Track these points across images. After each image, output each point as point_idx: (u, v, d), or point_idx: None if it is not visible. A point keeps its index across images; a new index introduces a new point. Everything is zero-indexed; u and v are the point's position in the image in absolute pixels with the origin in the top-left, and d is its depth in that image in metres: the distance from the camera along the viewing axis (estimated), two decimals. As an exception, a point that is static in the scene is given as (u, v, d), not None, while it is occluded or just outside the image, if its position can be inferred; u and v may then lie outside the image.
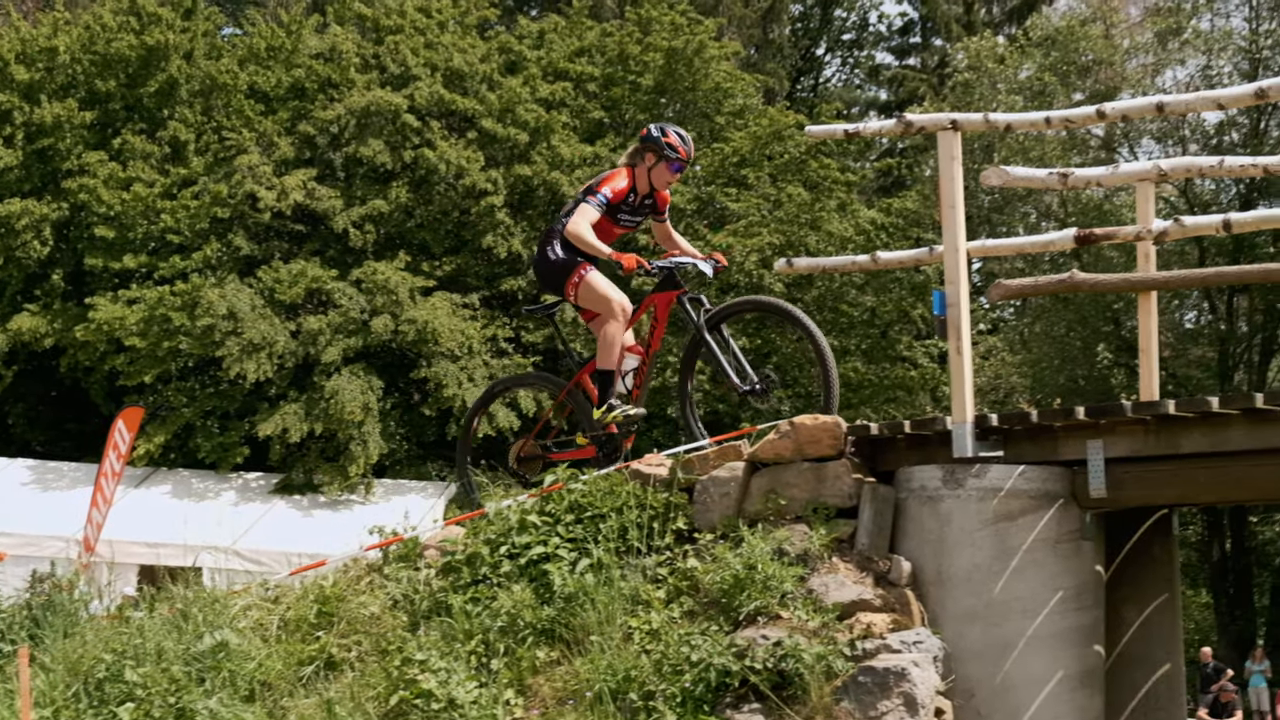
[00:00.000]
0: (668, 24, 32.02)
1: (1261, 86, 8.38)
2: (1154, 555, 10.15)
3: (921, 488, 9.36)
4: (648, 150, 10.82)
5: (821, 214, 31.13)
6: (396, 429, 30.21)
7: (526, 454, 11.37)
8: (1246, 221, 8.67)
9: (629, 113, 32.31)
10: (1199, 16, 31.82)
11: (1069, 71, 31.86)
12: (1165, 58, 32.03)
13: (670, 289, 10.76)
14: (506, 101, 30.68)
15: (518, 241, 30.41)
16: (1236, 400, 8.78)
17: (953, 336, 9.24)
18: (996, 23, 42.13)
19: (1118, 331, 31.67)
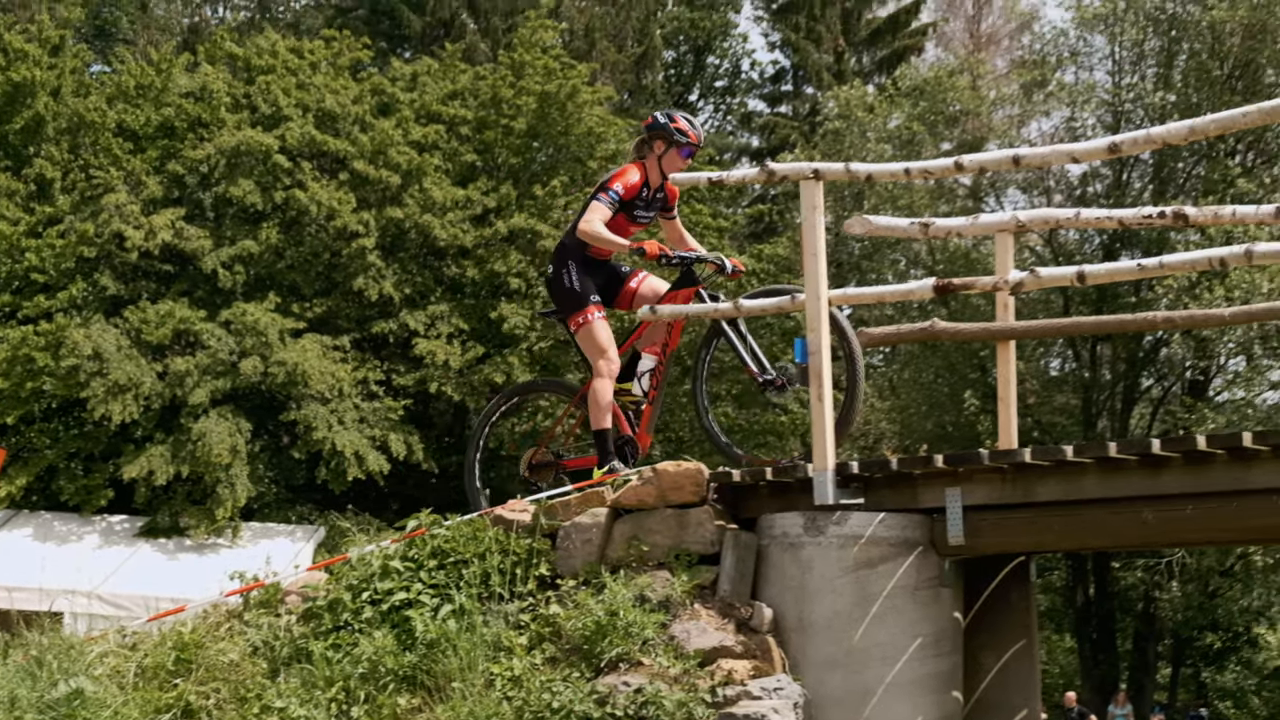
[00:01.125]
0: (541, 68, 32.06)
1: (1114, 141, 8.56)
2: (1012, 602, 10.25)
3: (783, 534, 9.41)
4: (656, 138, 10.60)
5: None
6: (265, 472, 29.91)
7: (538, 461, 11.18)
8: (1100, 274, 8.82)
9: (502, 156, 32.31)
10: (1063, 70, 32.36)
11: (937, 121, 32.27)
12: (1030, 109, 32.53)
13: (689, 284, 10.61)
14: (379, 143, 30.57)
15: (389, 284, 30.27)
16: (1090, 449, 8.92)
17: (814, 384, 9.31)
18: (866, 72, 42.58)
19: (984, 378, 32.02)
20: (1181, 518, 8.86)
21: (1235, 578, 32.89)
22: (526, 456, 11.24)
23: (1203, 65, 30.60)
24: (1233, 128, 8.66)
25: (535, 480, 11.10)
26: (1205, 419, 29.71)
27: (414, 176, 30.68)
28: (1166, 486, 8.84)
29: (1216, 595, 33.11)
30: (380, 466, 29.11)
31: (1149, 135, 8.61)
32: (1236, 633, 36.28)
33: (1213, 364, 31.99)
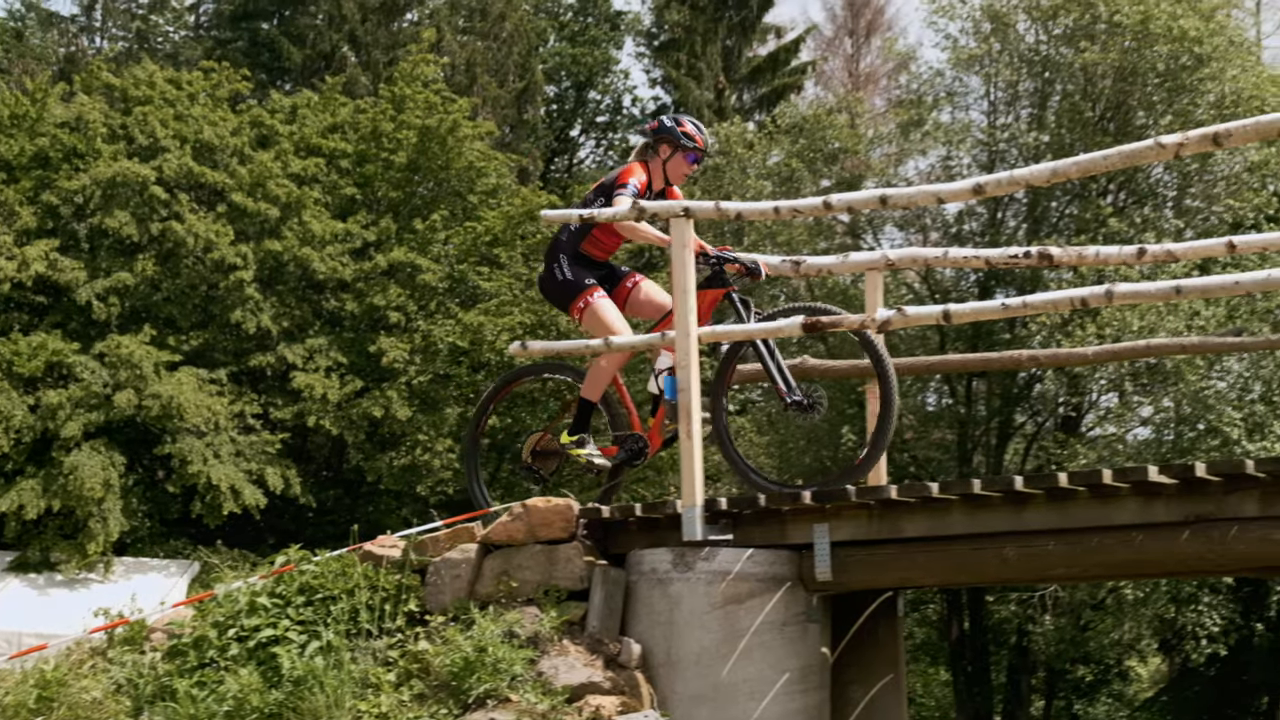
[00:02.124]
0: (422, 102, 32.05)
1: (979, 182, 8.68)
2: (880, 637, 10.35)
3: (652, 570, 9.44)
4: (662, 142, 10.42)
5: (573, 294, 31.29)
6: (139, 506, 29.58)
7: (543, 449, 10.88)
8: (965, 313, 8.93)
9: (382, 190, 32.22)
10: (939, 110, 32.69)
11: (815, 159, 32.47)
12: (908, 148, 32.81)
13: (718, 285, 10.22)
14: (257, 176, 30.42)
15: (267, 317, 30.09)
16: (955, 486, 9.04)
17: (683, 421, 9.36)
18: (747, 109, 42.89)
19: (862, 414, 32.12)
20: (1044, 554, 8.99)
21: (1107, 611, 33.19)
22: (531, 442, 10.95)
23: (1075, 106, 31.01)
24: (1094, 170, 8.82)
25: (538, 468, 10.88)
26: (1077, 455, 30.01)
27: (293, 209, 30.55)
28: (1030, 523, 8.97)
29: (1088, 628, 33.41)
30: (257, 501, 28.89)
31: (1013, 177, 8.75)
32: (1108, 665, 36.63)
33: (1085, 400, 32.36)
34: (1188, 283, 8.47)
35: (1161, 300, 8.45)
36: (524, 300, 31.04)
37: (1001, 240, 31.38)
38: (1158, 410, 30.51)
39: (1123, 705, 37.82)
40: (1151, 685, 39.49)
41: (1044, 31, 31.35)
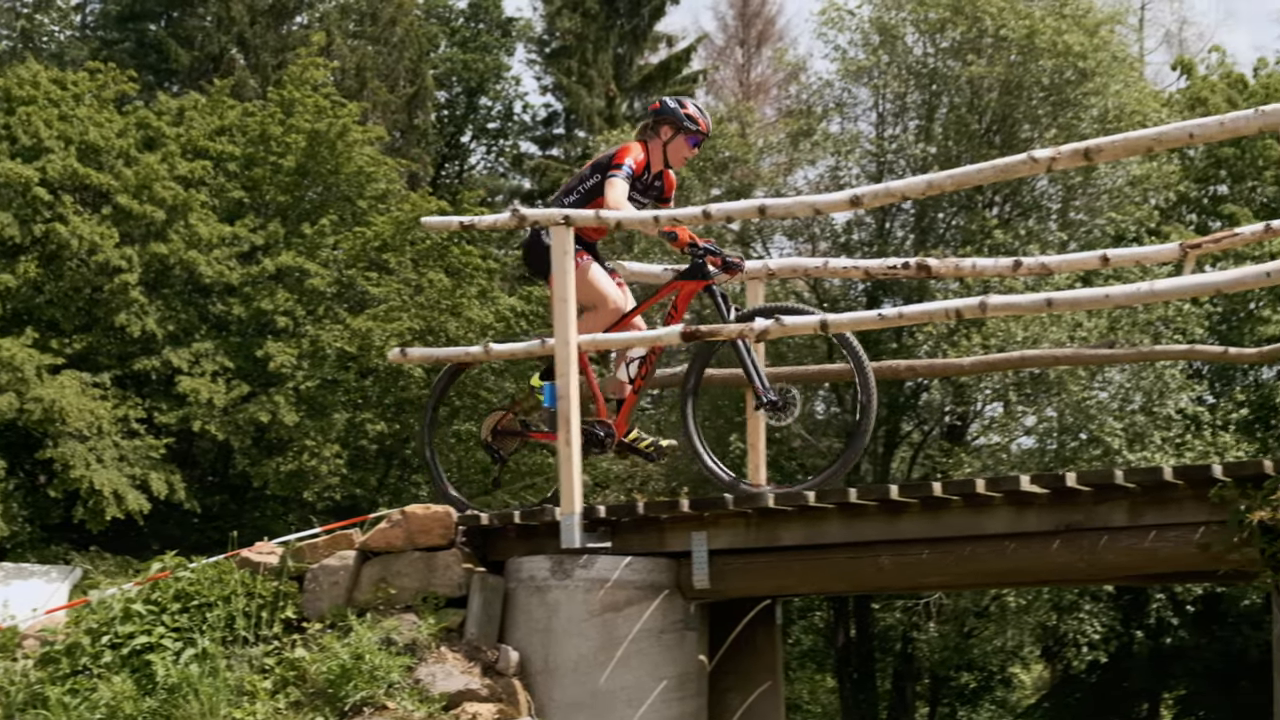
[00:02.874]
0: (311, 106, 31.87)
1: (856, 194, 8.76)
2: (758, 644, 10.40)
3: (530, 578, 9.45)
4: (663, 123, 10.18)
5: (462, 300, 31.25)
6: (19, 511, 29.18)
7: (504, 428, 10.56)
8: (843, 322, 9.00)
9: (270, 193, 32.01)
10: (829, 120, 32.92)
11: (706, 167, 32.59)
12: (797, 158, 33.01)
13: (699, 278, 9.96)
14: (143, 178, 30.12)
15: (152, 320, 29.80)
16: (832, 495, 9.09)
17: (562, 429, 9.36)
18: (638, 118, 42.91)
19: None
20: (918, 562, 9.07)
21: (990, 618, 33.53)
22: (491, 421, 10.65)
23: (962, 119, 31.33)
24: (968, 183, 8.93)
25: (497, 447, 10.61)
26: (962, 463, 30.33)
27: (179, 212, 30.28)
28: (904, 531, 9.05)
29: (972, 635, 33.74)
30: (140, 506, 28.60)
31: (889, 189, 8.84)
32: (991, 672, 37.02)
33: (970, 410, 32.69)
34: (1059, 295, 8.57)
35: (1034, 312, 8.56)
36: (413, 306, 30.94)
37: (889, 250, 31.62)
38: (1041, 420, 30.87)
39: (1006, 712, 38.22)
40: (1034, 692, 39.90)
41: (931, 44, 31.66)
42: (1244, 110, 7.86)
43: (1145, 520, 8.48)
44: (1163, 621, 32.39)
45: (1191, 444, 28.52)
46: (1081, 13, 30.74)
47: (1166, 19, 43.59)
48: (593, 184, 10.02)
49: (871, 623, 34.16)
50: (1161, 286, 8.46)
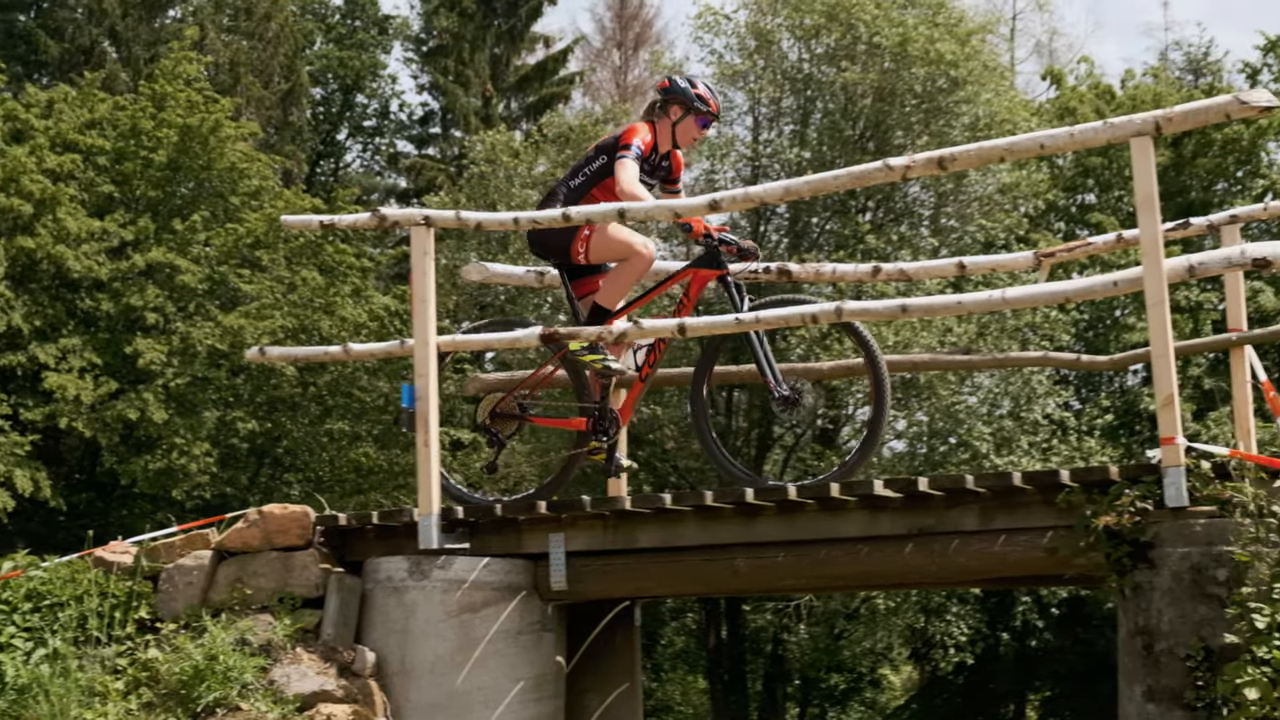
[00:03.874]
0: (183, 101, 31.51)
1: (714, 198, 8.83)
2: (616, 646, 10.46)
3: (388, 578, 9.43)
4: (673, 103, 9.97)
5: (336, 299, 31.04)
6: (-122, 508, 28.64)
7: (503, 410, 10.25)
8: (700, 326, 9.07)
9: (140, 188, 31.62)
10: (705, 124, 33.04)
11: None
12: (673, 161, 33.09)
13: (713, 267, 9.74)
14: (10, 171, 29.61)
15: (18, 315, 29.33)
16: (688, 498, 9.16)
17: (420, 429, 9.35)
18: (514, 118, 42.91)
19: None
20: (774, 565, 9.15)
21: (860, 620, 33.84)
22: (489, 403, 10.34)
23: (836, 124, 31.56)
24: (825, 189, 9.02)
25: (495, 430, 10.32)
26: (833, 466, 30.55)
27: (47, 206, 29.79)
28: (760, 535, 9.13)
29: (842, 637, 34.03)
30: (4, 504, 28.14)
31: (748, 194, 8.93)
32: (860, 674, 37.36)
33: (841, 413, 32.95)
34: (913, 301, 8.69)
35: (890, 318, 8.68)
36: (285, 304, 30.70)
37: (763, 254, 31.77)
38: (911, 424, 31.14)
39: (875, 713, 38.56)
40: (903, 693, 40.27)
41: (806, 50, 31.86)
42: (1093, 123, 8.00)
43: (995, 525, 8.61)
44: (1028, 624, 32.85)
45: (1058, 449, 28.92)
46: (954, 22, 31.10)
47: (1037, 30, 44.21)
48: (599, 166, 9.83)
49: (743, 624, 34.33)
50: (1013, 294, 8.58)
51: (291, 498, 27.57)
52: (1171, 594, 7.84)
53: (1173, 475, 7.89)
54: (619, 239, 9.69)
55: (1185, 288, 29.64)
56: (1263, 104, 7.71)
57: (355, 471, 31.23)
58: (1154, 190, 7.93)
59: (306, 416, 31.35)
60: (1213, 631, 7.68)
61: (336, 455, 31.44)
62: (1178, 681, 7.78)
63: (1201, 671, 7.72)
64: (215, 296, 31.68)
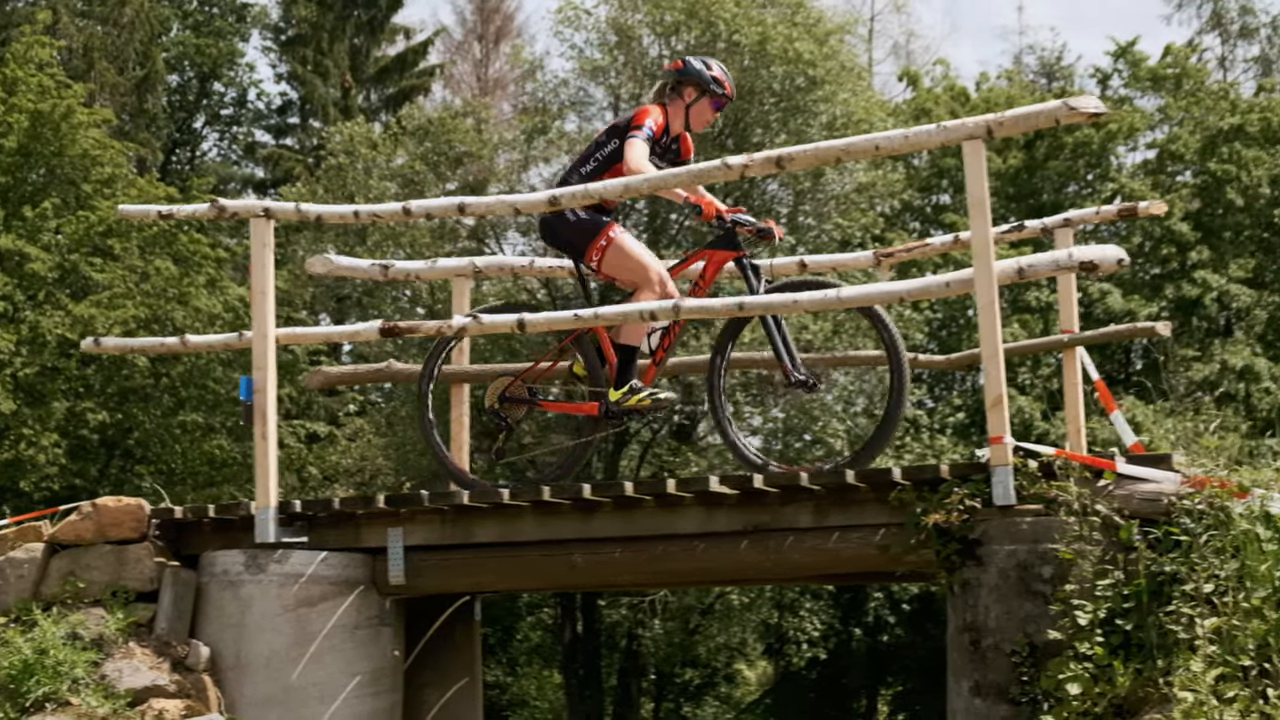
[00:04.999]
0: (35, 85, 30.99)
1: (554, 194, 8.86)
2: (456, 640, 10.46)
3: (224, 572, 9.36)
4: (687, 84, 9.76)
5: (190, 289, 30.69)
6: None
7: (512, 395, 10.02)
8: (539, 322, 9.07)
9: (-11, 174, 31.08)
10: (564, 118, 33.09)
11: (440, 162, 32.54)
12: (533, 155, 33.10)
13: (730, 248, 9.52)
14: None
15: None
16: (526, 493, 9.18)
17: (258, 422, 9.28)
18: (374, 109, 42.63)
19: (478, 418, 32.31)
20: (611, 560, 9.20)
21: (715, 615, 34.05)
22: (498, 387, 10.07)
23: (696, 121, 31.70)
24: (665, 186, 9.07)
25: (504, 414, 10.07)
26: (689, 462, 30.71)
27: (-109, 191, 29.26)
28: (598, 530, 9.17)
29: (697, 632, 34.23)
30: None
31: (587, 190, 8.93)
32: (715, 669, 37.57)
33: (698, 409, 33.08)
34: (749, 300, 8.75)
35: (727, 315, 8.70)
36: (138, 294, 30.29)
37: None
38: (767, 420, 31.36)
39: (729, 708, 38.78)
40: (758, 688, 40.55)
41: (666, 47, 31.96)
42: (926, 126, 8.11)
43: (829, 522, 8.70)
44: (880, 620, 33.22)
45: (910, 446, 29.24)
46: (812, 22, 31.35)
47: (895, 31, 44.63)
48: (610, 150, 9.63)
49: (598, 619, 34.40)
50: (848, 293, 8.67)
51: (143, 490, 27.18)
52: (998, 591, 7.97)
53: (1000, 474, 8.01)
54: (636, 260, 9.53)
55: (1037, 288, 30.10)
56: (1090, 110, 7.86)
57: (209, 464, 30.90)
58: (985, 193, 8.05)
59: (159, 408, 30.95)
60: (1037, 628, 7.81)
61: (190, 448, 31.09)
62: (1003, 677, 7.90)
63: (1026, 667, 7.85)
64: (66, 285, 31.20)
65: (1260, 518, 7.57)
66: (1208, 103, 34.45)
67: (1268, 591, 7.37)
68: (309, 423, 34.03)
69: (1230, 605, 7.40)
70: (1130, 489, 7.94)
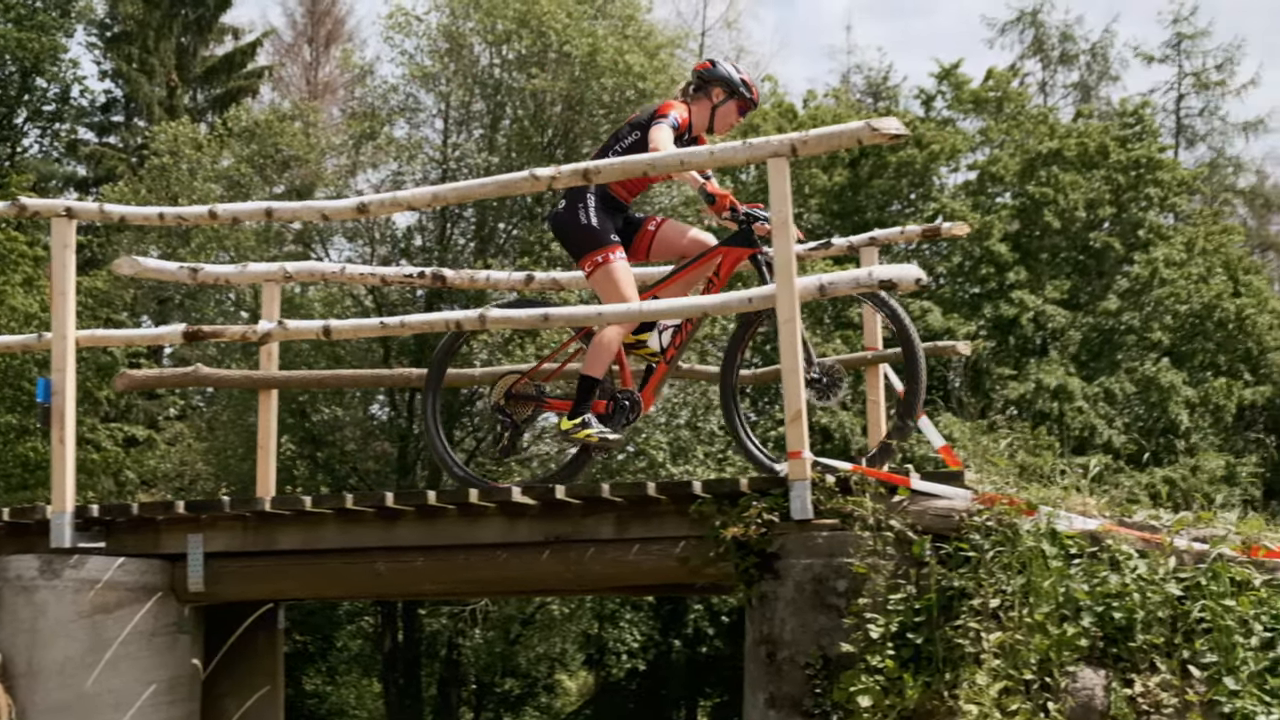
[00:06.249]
0: None
1: (363, 202, 8.80)
2: (258, 648, 10.34)
3: (18, 577, 9.19)
4: (716, 85, 9.56)
5: (6, 288, 30.13)
6: None
7: (519, 392, 9.77)
8: (345, 329, 9.03)
9: None
10: (394, 124, 32.95)
11: (266, 165, 32.25)
12: (362, 161, 32.92)
13: (745, 245, 9.26)
14: None
15: None
16: (328, 500, 9.14)
17: (56, 425, 9.13)
18: (200, 110, 42.12)
19: (302, 423, 32.15)
20: (413, 569, 9.17)
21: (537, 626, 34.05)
22: (505, 383, 9.85)
23: (525, 131, 31.74)
24: (473, 196, 9.08)
25: (510, 411, 9.79)
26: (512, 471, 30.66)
27: None
28: (401, 539, 9.14)
29: (517, 642, 34.19)
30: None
31: (395, 198, 8.91)
32: (536, 679, 37.54)
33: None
34: (554, 311, 8.80)
35: (532, 325, 8.73)
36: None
37: (449, 257, 31.83)
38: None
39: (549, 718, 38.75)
40: (578, 698, 40.58)
41: (498, 55, 31.98)
42: (732, 143, 8.20)
43: (630, 534, 8.75)
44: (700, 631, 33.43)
45: (733, 459, 29.45)
46: (643, 35, 31.54)
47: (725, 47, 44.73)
48: (631, 142, 9.41)
49: (418, 628, 34.25)
50: (652, 306, 8.73)
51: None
52: (794, 604, 8.05)
53: (798, 489, 8.10)
54: (618, 288, 9.30)
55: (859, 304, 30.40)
56: (892, 131, 8.00)
57: (22, 466, 30.33)
58: (789, 211, 8.15)
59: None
60: (831, 641, 7.91)
61: (3, 449, 30.51)
62: (798, 689, 7.99)
63: (820, 679, 7.94)
64: None
65: (1046, 534, 7.74)
66: (1028, 126, 35.17)
67: (1051, 607, 7.54)
68: (127, 426, 33.54)
69: (1015, 620, 7.56)
70: (924, 505, 8.07)
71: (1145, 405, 32.39)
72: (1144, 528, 7.87)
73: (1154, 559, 7.66)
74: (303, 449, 32.79)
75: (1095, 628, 7.51)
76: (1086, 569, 7.70)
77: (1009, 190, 34.70)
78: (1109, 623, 7.51)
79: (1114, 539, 7.75)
